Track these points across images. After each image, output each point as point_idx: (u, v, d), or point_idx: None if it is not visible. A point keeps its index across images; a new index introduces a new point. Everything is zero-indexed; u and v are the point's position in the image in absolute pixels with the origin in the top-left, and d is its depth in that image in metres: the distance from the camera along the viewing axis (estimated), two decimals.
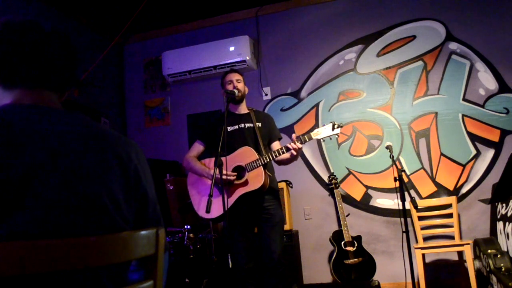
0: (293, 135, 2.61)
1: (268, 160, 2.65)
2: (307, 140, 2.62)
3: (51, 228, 0.83)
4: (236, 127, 2.85)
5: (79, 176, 0.90)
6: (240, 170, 2.70)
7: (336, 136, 2.65)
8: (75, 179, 0.89)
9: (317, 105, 4.28)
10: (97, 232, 0.89)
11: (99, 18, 4.48)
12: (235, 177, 2.66)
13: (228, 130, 2.79)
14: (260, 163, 2.64)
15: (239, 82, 2.87)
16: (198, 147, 2.92)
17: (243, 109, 2.93)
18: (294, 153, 2.58)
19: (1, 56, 0.96)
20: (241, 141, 2.77)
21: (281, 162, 2.84)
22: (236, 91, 2.81)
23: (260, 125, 2.87)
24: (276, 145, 2.87)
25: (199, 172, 2.81)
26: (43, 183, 0.84)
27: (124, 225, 0.95)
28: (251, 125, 2.85)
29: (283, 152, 2.63)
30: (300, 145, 2.57)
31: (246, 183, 2.67)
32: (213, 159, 2.82)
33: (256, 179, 2.65)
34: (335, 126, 2.61)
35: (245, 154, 2.71)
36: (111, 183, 0.94)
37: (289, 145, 2.58)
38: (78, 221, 0.87)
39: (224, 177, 2.55)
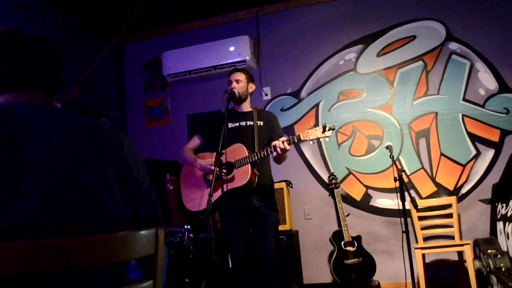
0: (283, 137, 2.61)
1: (257, 158, 2.65)
2: (296, 141, 2.60)
3: (50, 220, 0.84)
4: (237, 124, 2.88)
5: (76, 169, 0.92)
6: (230, 166, 2.72)
7: (327, 139, 2.62)
8: (72, 172, 0.91)
9: (317, 105, 4.28)
10: (95, 223, 0.91)
11: (99, 18, 4.48)
12: (224, 171, 2.66)
13: (229, 126, 2.84)
14: (248, 161, 2.65)
15: (238, 83, 2.89)
16: (195, 141, 3.01)
17: (246, 107, 2.96)
18: (279, 151, 2.57)
19: None
20: (238, 138, 2.79)
21: (274, 160, 2.85)
22: (235, 91, 2.83)
23: (261, 124, 2.88)
24: None
25: (190, 161, 2.90)
26: (40, 176, 0.86)
27: (121, 216, 0.97)
28: (251, 123, 2.87)
29: (270, 152, 2.63)
30: (287, 146, 2.56)
31: (232, 179, 2.70)
32: (208, 153, 2.87)
33: (242, 176, 2.66)
34: (326, 129, 2.56)
35: (236, 151, 2.73)
36: (107, 175, 0.97)
37: (275, 144, 2.57)
38: (76, 212, 0.89)
39: (212, 169, 2.61)
